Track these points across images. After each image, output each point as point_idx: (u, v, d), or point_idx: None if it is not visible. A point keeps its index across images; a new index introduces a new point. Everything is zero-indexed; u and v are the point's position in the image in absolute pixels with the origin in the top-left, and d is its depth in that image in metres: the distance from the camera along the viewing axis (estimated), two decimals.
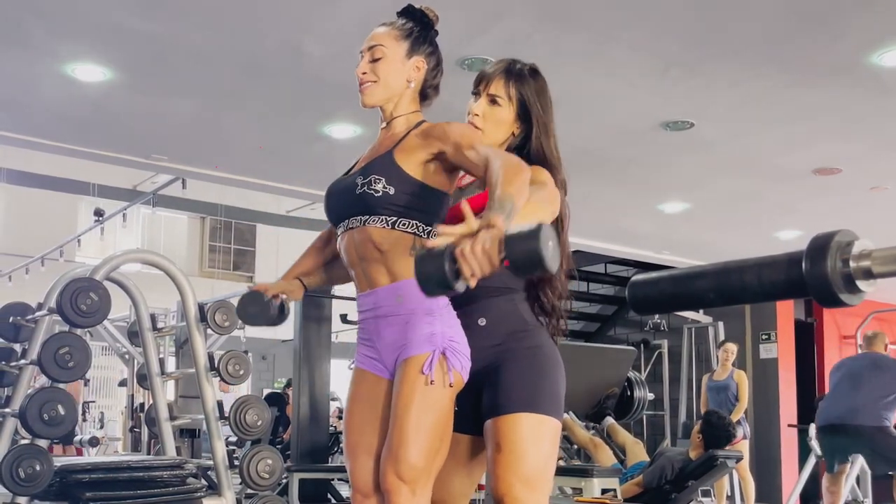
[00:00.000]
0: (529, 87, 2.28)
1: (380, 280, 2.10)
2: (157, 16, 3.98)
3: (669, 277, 1.04)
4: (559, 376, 2.19)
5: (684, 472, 5.32)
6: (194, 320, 3.80)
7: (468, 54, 4.21)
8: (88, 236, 11.68)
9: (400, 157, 2.10)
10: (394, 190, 2.06)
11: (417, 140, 2.11)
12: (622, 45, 4.24)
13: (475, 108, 2.28)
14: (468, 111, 2.29)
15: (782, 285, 0.92)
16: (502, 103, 2.26)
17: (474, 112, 2.27)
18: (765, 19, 3.96)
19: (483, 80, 2.30)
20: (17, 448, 3.15)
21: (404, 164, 2.09)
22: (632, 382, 6.63)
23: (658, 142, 5.50)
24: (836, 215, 7.08)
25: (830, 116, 5.08)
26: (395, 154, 2.11)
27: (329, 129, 5.38)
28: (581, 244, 8.43)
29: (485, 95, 2.27)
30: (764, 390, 9.67)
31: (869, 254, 0.88)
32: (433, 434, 2.02)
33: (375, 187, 2.06)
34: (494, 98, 2.26)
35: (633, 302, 1.08)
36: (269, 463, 3.56)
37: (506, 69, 2.29)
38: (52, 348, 3.16)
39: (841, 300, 0.88)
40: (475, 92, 2.30)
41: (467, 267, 1.62)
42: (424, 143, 2.09)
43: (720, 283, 0.98)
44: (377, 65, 2.16)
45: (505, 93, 2.26)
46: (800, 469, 7.46)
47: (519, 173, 1.84)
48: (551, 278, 2.19)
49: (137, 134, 5.61)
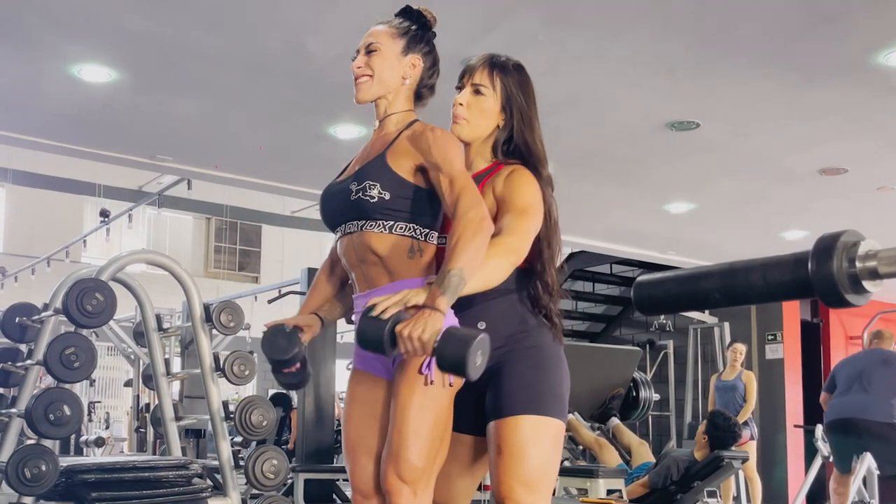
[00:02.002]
0: (513, 79, 2.27)
1: (379, 281, 2.10)
2: (163, 17, 3.99)
3: (675, 278, 1.04)
4: (561, 376, 2.19)
5: (690, 473, 5.31)
6: (200, 321, 3.80)
7: (472, 54, 4.20)
8: (94, 237, 11.70)
9: (392, 159, 2.09)
10: (389, 195, 2.06)
11: (406, 145, 2.10)
12: (627, 46, 4.23)
13: (459, 98, 2.27)
14: (453, 104, 2.28)
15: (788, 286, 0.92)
16: (486, 92, 2.25)
17: (458, 102, 2.27)
18: (770, 19, 3.95)
19: (467, 72, 2.30)
20: (23, 448, 3.15)
21: (397, 167, 2.08)
22: (637, 383, 6.62)
23: (663, 142, 5.49)
24: (843, 215, 7.07)
25: (837, 116, 5.06)
26: (388, 157, 2.10)
27: (334, 129, 5.38)
28: (586, 244, 8.42)
29: (469, 85, 2.27)
30: (770, 391, 9.64)
31: (875, 254, 0.87)
32: (433, 434, 2.01)
33: (370, 193, 2.06)
34: (478, 88, 2.26)
35: (638, 302, 1.07)
36: (275, 463, 3.55)
37: (489, 60, 2.29)
38: (58, 349, 3.16)
39: (847, 301, 0.87)
40: (459, 86, 2.30)
41: (402, 345, 1.82)
42: (412, 151, 2.09)
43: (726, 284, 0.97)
44: (372, 58, 2.16)
45: (489, 82, 2.25)
46: (806, 470, 7.43)
47: (477, 234, 1.92)
48: (543, 275, 2.18)
49: (143, 134, 5.61)
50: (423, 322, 1.81)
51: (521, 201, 2.12)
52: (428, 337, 1.80)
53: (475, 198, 2.00)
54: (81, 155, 6.06)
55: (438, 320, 1.82)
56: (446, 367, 1.82)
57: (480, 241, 1.92)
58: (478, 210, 1.96)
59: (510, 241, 2.04)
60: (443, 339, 1.80)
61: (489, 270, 1.97)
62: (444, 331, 1.82)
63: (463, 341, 1.77)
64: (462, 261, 1.87)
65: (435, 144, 2.07)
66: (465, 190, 2.01)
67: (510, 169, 2.21)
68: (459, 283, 1.86)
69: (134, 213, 10.77)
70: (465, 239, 1.90)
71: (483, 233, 1.94)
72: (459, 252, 1.88)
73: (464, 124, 2.25)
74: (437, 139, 2.08)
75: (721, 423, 5.49)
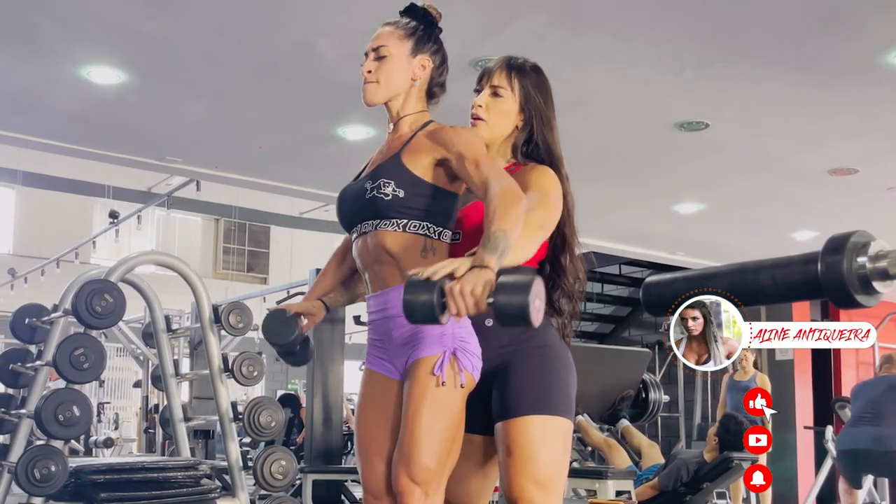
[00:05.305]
0: (530, 80, 2.29)
1: (392, 281, 2.10)
2: (172, 18, 4.00)
3: (684, 279, 1.04)
4: (569, 375, 2.18)
5: (699, 475, 5.29)
6: (208, 322, 3.81)
7: (482, 55, 4.21)
8: (103, 238, 11.74)
9: (407, 159, 2.10)
10: (403, 193, 2.06)
11: (425, 142, 2.11)
12: (636, 46, 4.22)
13: (478, 100, 2.29)
14: (471, 106, 2.29)
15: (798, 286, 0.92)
16: (504, 94, 2.26)
17: (477, 104, 2.28)
18: (779, 19, 3.94)
19: (485, 74, 2.31)
20: (33, 449, 3.16)
21: (412, 166, 2.09)
22: (647, 384, 6.60)
23: (672, 142, 5.48)
24: (853, 216, 7.03)
25: (846, 116, 5.04)
26: (403, 156, 2.11)
27: (343, 130, 5.39)
28: (595, 245, 8.40)
29: (487, 87, 2.28)
30: (780, 392, 9.60)
31: (886, 254, 0.87)
32: (445, 435, 2.01)
33: (385, 191, 2.06)
34: (496, 89, 2.27)
35: (647, 303, 1.07)
36: (283, 464, 3.56)
37: (507, 62, 2.30)
38: (68, 350, 3.18)
39: (857, 301, 0.87)
40: (477, 89, 2.31)
41: (454, 305, 1.72)
42: (431, 146, 2.09)
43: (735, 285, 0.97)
44: (381, 63, 2.16)
45: (507, 83, 2.27)
46: (816, 471, 7.40)
47: (515, 203, 1.89)
48: (561, 276, 2.19)
49: (152, 136, 5.63)
50: (473, 278, 1.73)
51: (544, 183, 2.15)
52: (481, 291, 1.72)
53: (504, 174, 2.01)
54: (91, 156, 6.07)
55: (489, 275, 1.74)
56: (508, 318, 1.72)
57: (519, 208, 1.89)
58: (510, 182, 1.96)
59: (537, 217, 2.04)
60: (499, 289, 1.71)
61: (524, 243, 1.95)
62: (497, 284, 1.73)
63: (521, 288, 1.69)
64: (506, 223, 1.84)
65: (457, 136, 2.08)
66: (492, 169, 2.01)
67: (531, 167, 2.24)
68: (506, 246, 1.81)
69: (143, 214, 10.80)
70: (504, 205, 1.87)
71: (521, 201, 1.91)
72: (502, 215, 1.85)
73: (483, 126, 2.27)
74: (459, 131, 2.10)
75: (733, 427, 5.46)
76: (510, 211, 1.87)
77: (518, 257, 1.94)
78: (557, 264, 2.22)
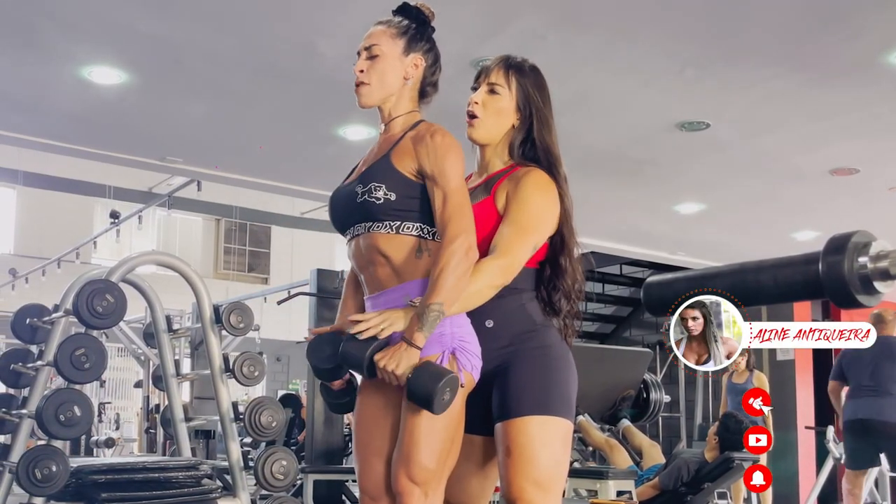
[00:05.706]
0: (529, 80, 2.28)
1: (388, 282, 2.10)
2: (172, 19, 4.00)
3: (685, 279, 1.04)
4: (569, 376, 2.18)
5: (700, 475, 5.29)
6: (209, 322, 3.81)
7: (481, 55, 4.20)
8: (104, 238, 11.74)
9: (397, 160, 2.09)
10: (395, 196, 2.06)
11: (409, 146, 2.10)
12: (637, 46, 4.22)
13: (474, 97, 2.28)
14: (468, 103, 2.29)
15: (799, 286, 0.92)
16: (501, 92, 2.26)
17: (473, 101, 2.27)
18: (780, 19, 3.94)
19: (482, 72, 2.31)
20: (34, 449, 3.16)
21: (402, 167, 2.08)
22: (648, 384, 6.59)
23: (673, 142, 5.48)
24: (854, 216, 7.03)
25: (847, 116, 5.04)
26: (393, 158, 2.10)
27: (343, 130, 5.39)
28: (596, 245, 8.40)
29: (484, 85, 2.28)
30: (781, 392, 9.60)
31: (887, 254, 0.87)
32: (444, 436, 2.01)
33: (376, 195, 2.06)
34: (494, 87, 2.26)
35: (648, 303, 1.07)
36: (284, 464, 3.56)
37: (505, 61, 2.30)
38: (69, 350, 3.17)
39: (858, 301, 0.87)
40: (474, 86, 2.31)
41: (378, 373, 1.97)
42: (413, 153, 2.09)
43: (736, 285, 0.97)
44: (373, 63, 2.16)
45: (505, 81, 2.26)
46: (817, 471, 7.40)
47: (461, 264, 1.99)
48: (560, 277, 2.19)
49: (152, 136, 5.63)
50: (398, 356, 1.94)
51: (526, 214, 2.14)
52: (402, 372, 1.94)
53: (465, 222, 2.02)
54: (91, 156, 6.08)
55: (414, 356, 1.94)
56: (414, 401, 1.95)
57: (463, 272, 1.99)
58: (465, 238, 2.00)
59: (501, 263, 2.08)
60: (415, 374, 1.94)
61: (471, 296, 2.04)
62: (417, 366, 1.94)
63: (432, 379, 1.91)
64: (442, 295, 1.96)
65: (434, 153, 2.06)
66: (456, 211, 2.02)
67: (525, 171, 2.21)
68: (438, 318, 1.96)
69: (144, 214, 10.80)
70: (447, 270, 1.97)
71: (466, 264, 1.99)
72: (441, 285, 1.96)
73: (478, 124, 2.26)
74: (437, 147, 2.07)
75: (733, 427, 5.46)
76: (451, 277, 1.97)
77: (468, 307, 2.05)
78: (556, 265, 2.21)
